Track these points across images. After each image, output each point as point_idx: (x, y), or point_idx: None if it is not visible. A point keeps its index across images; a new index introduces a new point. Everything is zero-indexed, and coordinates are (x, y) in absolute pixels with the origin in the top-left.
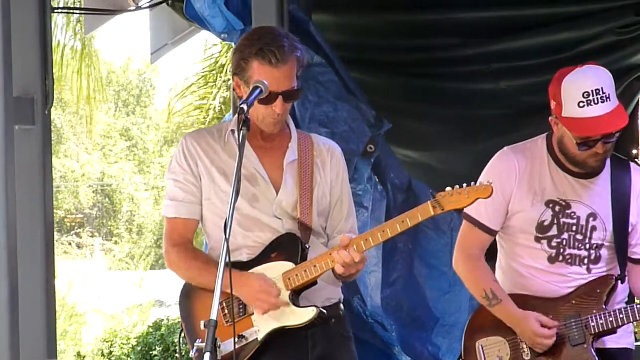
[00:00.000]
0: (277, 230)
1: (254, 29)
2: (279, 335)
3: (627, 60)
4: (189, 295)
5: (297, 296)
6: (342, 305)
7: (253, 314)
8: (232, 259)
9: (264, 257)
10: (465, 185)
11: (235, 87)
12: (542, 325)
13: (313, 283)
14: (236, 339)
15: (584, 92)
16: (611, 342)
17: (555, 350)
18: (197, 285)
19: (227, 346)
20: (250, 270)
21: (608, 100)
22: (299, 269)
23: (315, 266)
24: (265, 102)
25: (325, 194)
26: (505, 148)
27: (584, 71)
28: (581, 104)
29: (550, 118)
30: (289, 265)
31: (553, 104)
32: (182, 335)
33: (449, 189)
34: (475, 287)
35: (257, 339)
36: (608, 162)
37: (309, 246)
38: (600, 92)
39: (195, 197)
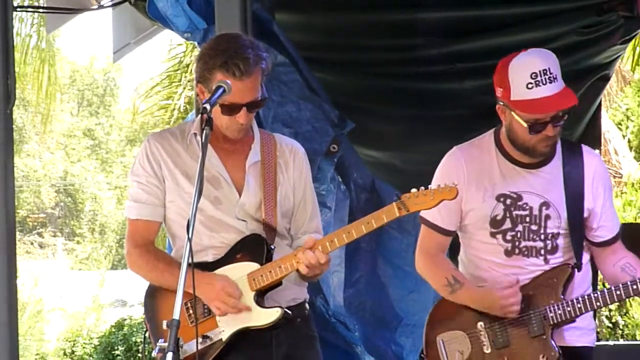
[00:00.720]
0: (241, 232)
1: (218, 37)
2: (244, 336)
3: (590, 60)
4: (153, 295)
5: (261, 297)
6: (307, 305)
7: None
8: (197, 259)
9: (229, 257)
10: (430, 186)
11: (199, 93)
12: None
13: (278, 283)
14: (200, 339)
15: (532, 72)
16: (572, 340)
17: (515, 342)
18: (159, 286)
19: (191, 346)
20: (216, 271)
21: (555, 80)
22: (264, 270)
23: (280, 267)
24: (229, 113)
25: (288, 195)
26: (454, 148)
27: (528, 54)
28: (529, 85)
29: (497, 106)
30: (254, 266)
31: (499, 91)
32: (146, 334)
33: (414, 190)
34: (436, 278)
35: (221, 339)
36: (559, 148)
37: (274, 247)
38: (548, 72)
39: (157, 199)
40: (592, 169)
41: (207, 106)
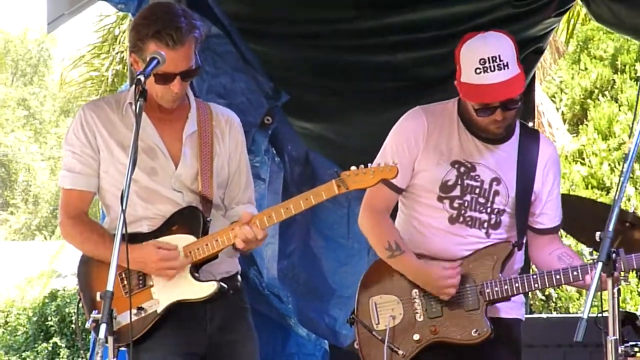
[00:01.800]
0: (177, 203)
1: (151, 6)
2: (178, 307)
3: (523, 33)
4: (87, 265)
5: (197, 270)
6: (239, 277)
7: (152, 285)
8: (132, 230)
9: (165, 229)
10: (370, 164)
11: (132, 62)
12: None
13: (214, 257)
14: (134, 311)
15: (480, 58)
16: (503, 312)
17: (449, 314)
18: (92, 257)
19: (125, 318)
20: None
21: (505, 67)
22: (200, 243)
23: (217, 240)
24: (163, 82)
25: (224, 165)
26: (417, 107)
27: (484, 37)
28: (477, 70)
29: (455, 82)
30: (190, 239)
31: (457, 68)
32: (79, 305)
33: (353, 168)
34: (378, 239)
35: (155, 311)
36: (517, 130)
37: (210, 219)
38: (497, 60)
39: (91, 169)
40: (546, 156)
41: (142, 77)
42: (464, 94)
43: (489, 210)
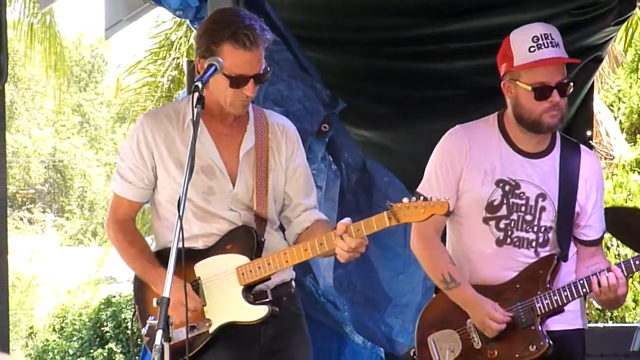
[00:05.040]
0: (233, 223)
1: (220, 11)
2: (231, 328)
3: (582, 41)
4: (142, 280)
5: (249, 291)
6: (293, 283)
7: (205, 305)
8: (187, 245)
9: (219, 247)
10: (422, 198)
11: (199, 69)
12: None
13: (266, 278)
14: (190, 328)
15: (533, 36)
16: (559, 324)
17: (504, 335)
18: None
19: (177, 334)
20: (205, 259)
21: (557, 46)
22: (253, 265)
23: (269, 264)
24: (236, 85)
25: (279, 180)
26: (457, 126)
27: (529, 25)
28: (532, 48)
29: (502, 83)
30: (243, 259)
31: (503, 67)
32: (135, 316)
33: (405, 200)
34: (433, 270)
35: (208, 331)
36: (558, 142)
37: (265, 239)
38: (550, 37)
39: (143, 183)
40: (588, 168)
41: (199, 84)
42: (524, 70)
43: (535, 228)
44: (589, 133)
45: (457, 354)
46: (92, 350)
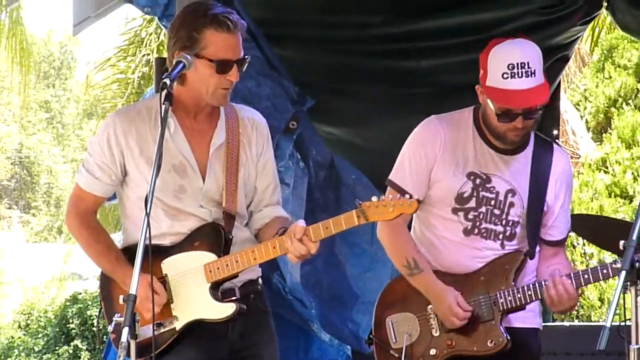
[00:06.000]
0: (204, 220)
1: (192, 4)
2: (198, 325)
3: (549, 41)
4: (109, 277)
5: (217, 289)
6: (260, 280)
7: (172, 302)
8: (154, 242)
9: (187, 244)
10: (390, 196)
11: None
12: (458, 305)
13: (234, 275)
14: (156, 325)
15: (509, 63)
16: (518, 322)
17: (464, 327)
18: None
19: (144, 331)
20: (173, 256)
21: (532, 75)
22: (220, 262)
23: (237, 261)
24: (222, 71)
25: (250, 174)
26: (432, 116)
27: (512, 43)
28: (505, 75)
29: (476, 86)
30: (211, 257)
31: (481, 72)
32: (101, 313)
33: (374, 198)
34: (397, 256)
35: (175, 327)
36: (532, 140)
37: (232, 236)
38: (526, 66)
39: (110, 179)
40: (559, 168)
41: (167, 81)
42: (489, 97)
43: (504, 222)
44: (555, 132)
45: (414, 338)
46: (57, 348)
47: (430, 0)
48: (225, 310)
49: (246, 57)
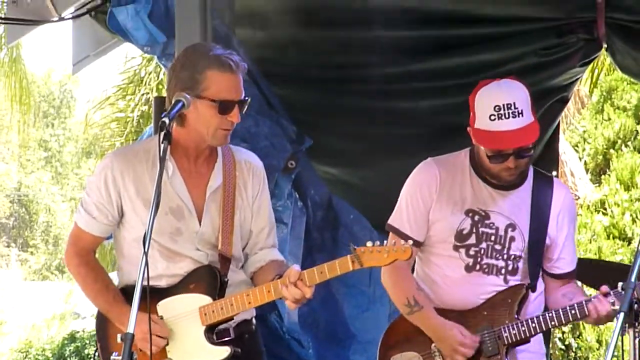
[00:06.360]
0: (199, 262)
1: (193, 45)
2: None
3: (549, 81)
4: (105, 317)
5: (211, 332)
6: (254, 320)
7: (168, 344)
8: (150, 284)
9: (183, 286)
10: (385, 242)
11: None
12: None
13: (229, 319)
14: None
15: (495, 105)
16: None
17: None
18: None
19: None
20: (168, 298)
21: (520, 115)
22: (215, 305)
23: (232, 305)
24: (224, 111)
25: (246, 217)
26: (429, 159)
27: (498, 85)
28: (492, 117)
29: (468, 128)
30: (206, 299)
31: (471, 114)
32: (97, 350)
33: (369, 244)
34: (398, 296)
35: None
36: (531, 174)
37: (228, 279)
38: (512, 107)
39: (107, 219)
40: (560, 201)
41: (166, 120)
42: (478, 139)
43: (505, 256)
44: (554, 173)
45: None
46: None
47: (429, 41)
48: (219, 353)
49: (247, 98)
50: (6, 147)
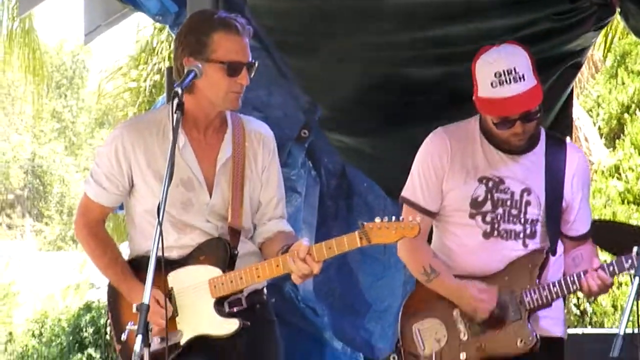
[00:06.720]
0: (210, 235)
1: (198, 12)
2: (203, 339)
3: (562, 47)
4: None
5: (221, 304)
6: (265, 290)
7: (177, 315)
8: (160, 257)
9: (193, 257)
10: (394, 218)
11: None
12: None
13: (238, 291)
14: (158, 340)
15: (496, 72)
16: (544, 330)
17: (492, 327)
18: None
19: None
20: (179, 269)
21: (521, 80)
22: (225, 278)
23: (241, 278)
24: (233, 73)
25: (255, 188)
26: (439, 128)
27: (497, 51)
28: (493, 84)
29: (473, 97)
30: (215, 271)
31: (473, 83)
32: (108, 322)
33: (377, 219)
34: (415, 265)
35: (179, 342)
36: (543, 138)
37: (238, 252)
38: (513, 72)
39: (118, 190)
40: (574, 163)
41: (179, 90)
42: (481, 108)
43: (522, 220)
44: (568, 139)
45: (442, 344)
46: (71, 356)
47: (440, 7)
48: (229, 326)
49: (254, 61)
50: (20, 118)
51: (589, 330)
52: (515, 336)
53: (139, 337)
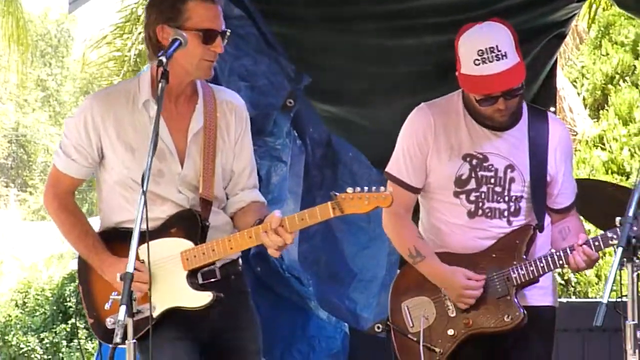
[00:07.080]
0: (180, 205)
1: None
2: (176, 311)
3: (546, 17)
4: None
5: (194, 276)
6: (240, 261)
7: (150, 288)
8: (132, 228)
9: (164, 230)
10: (366, 189)
11: (160, 38)
12: (468, 279)
13: (211, 263)
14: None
15: (479, 49)
16: (533, 300)
17: (479, 305)
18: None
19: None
20: (150, 242)
21: (504, 57)
22: (197, 250)
23: (213, 250)
24: (208, 40)
25: (228, 159)
26: (422, 104)
27: (480, 28)
28: (476, 62)
29: (457, 73)
30: (187, 244)
31: (456, 60)
32: (79, 293)
33: (349, 190)
34: (401, 246)
35: (152, 315)
36: (525, 112)
37: (209, 223)
38: (495, 50)
39: (87, 162)
40: (556, 136)
41: (163, 59)
42: (465, 85)
43: (506, 198)
44: (552, 109)
45: (431, 321)
46: (55, 326)
47: None
48: (202, 299)
49: (227, 30)
50: (3, 87)
51: (573, 299)
52: (503, 312)
53: (123, 307)
